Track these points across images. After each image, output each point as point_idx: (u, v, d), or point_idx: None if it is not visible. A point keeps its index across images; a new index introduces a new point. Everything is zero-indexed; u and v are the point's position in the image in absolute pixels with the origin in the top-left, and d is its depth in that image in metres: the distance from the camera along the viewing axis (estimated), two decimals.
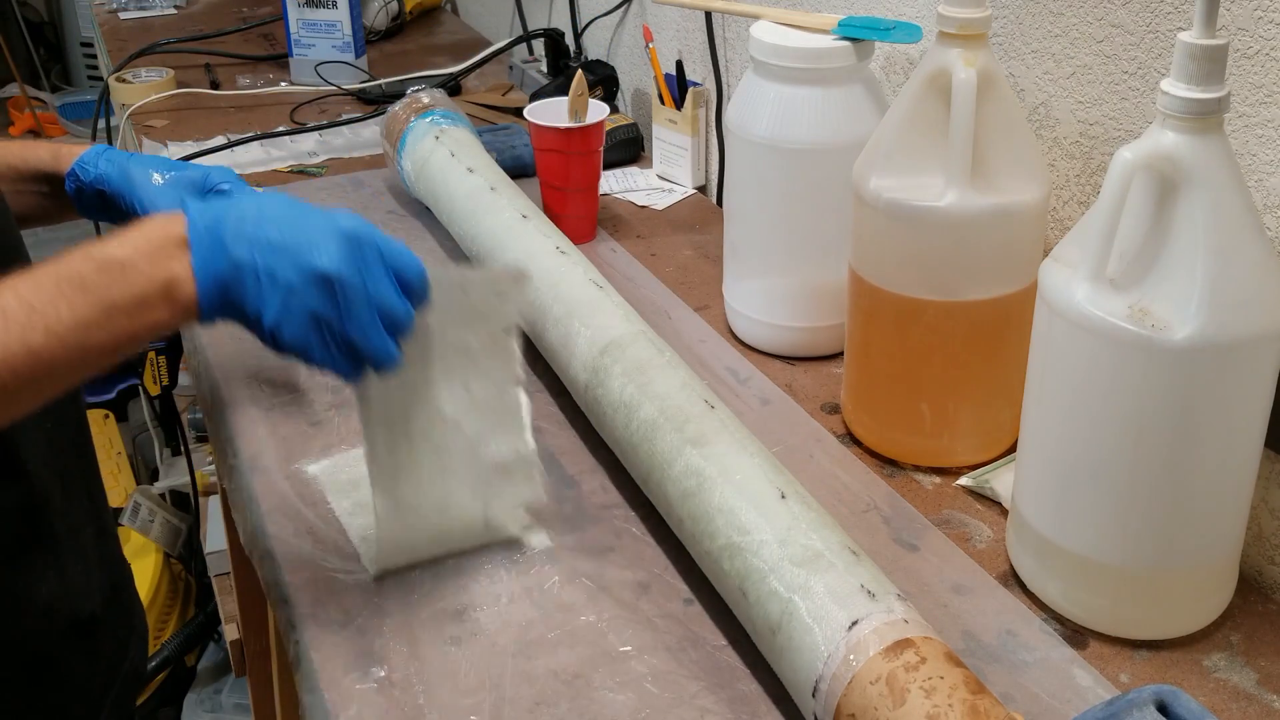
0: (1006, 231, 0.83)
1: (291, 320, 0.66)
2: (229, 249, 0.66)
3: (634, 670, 0.72)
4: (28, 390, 0.62)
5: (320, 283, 0.66)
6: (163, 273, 0.65)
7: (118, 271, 0.63)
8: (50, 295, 0.62)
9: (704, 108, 1.38)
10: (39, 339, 0.61)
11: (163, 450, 2.24)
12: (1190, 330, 0.65)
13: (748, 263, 1.05)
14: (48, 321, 0.61)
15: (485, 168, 1.16)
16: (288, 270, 0.65)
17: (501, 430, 0.79)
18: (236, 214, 0.67)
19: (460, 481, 0.78)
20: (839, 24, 0.97)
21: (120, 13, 2.18)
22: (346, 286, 0.66)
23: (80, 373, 0.64)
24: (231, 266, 0.66)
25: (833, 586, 0.65)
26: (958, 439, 0.89)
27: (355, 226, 0.67)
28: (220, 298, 0.66)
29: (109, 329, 0.63)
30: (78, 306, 0.62)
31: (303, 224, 0.67)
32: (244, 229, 0.66)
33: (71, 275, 0.63)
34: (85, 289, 0.63)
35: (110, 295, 0.63)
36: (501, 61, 1.78)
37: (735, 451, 0.76)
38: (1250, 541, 0.80)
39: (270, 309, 0.66)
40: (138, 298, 0.64)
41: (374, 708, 0.70)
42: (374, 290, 0.67)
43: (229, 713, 1.95)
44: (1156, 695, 0.56)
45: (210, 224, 0.66)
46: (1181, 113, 0.64)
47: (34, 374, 0.61)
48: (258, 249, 0.66)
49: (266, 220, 0.67)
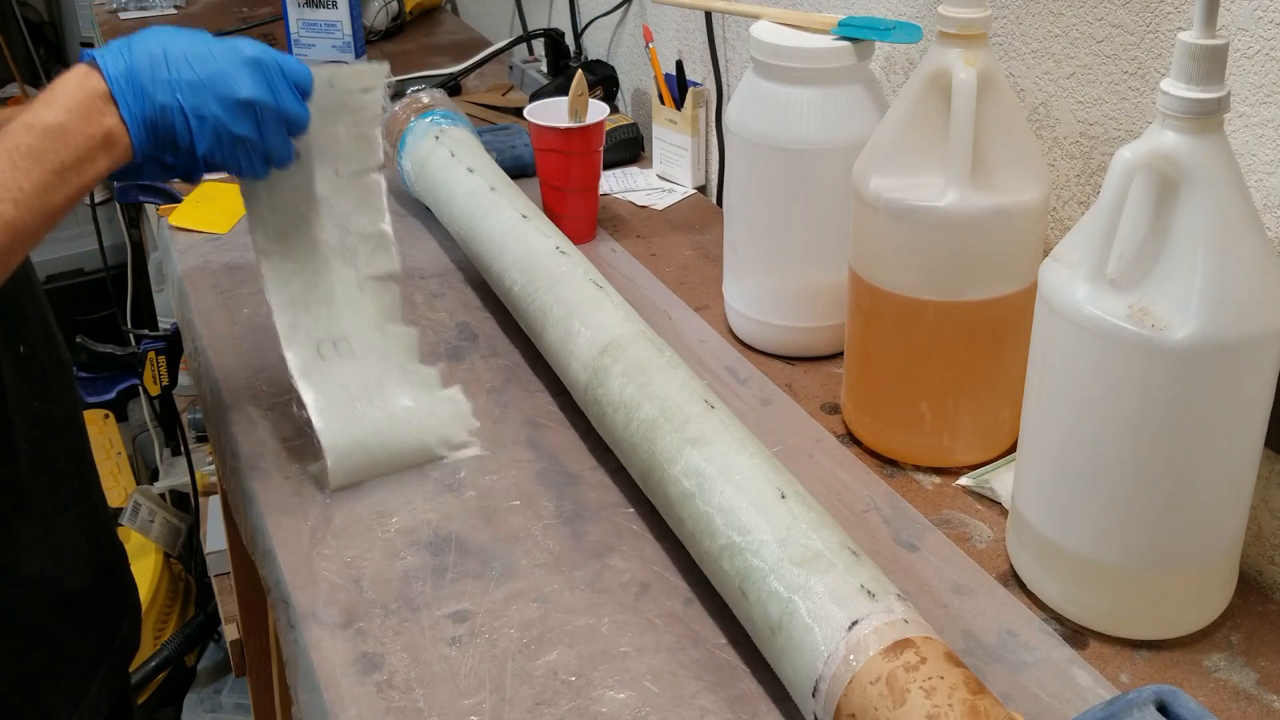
0: (1006, 231, 0.83)
1: (221, 147, 0.76)
2: (152, 95, 0.73)
3: (634, 670, 0.72)
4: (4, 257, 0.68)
5: (243, 109, 0.75)
6: (98, 129, 0.72)
7: (59, 137, 0.70)
8: (6, 169, 0.67)
9: (704, 108, 1.38)
10: (10, 210, 0.67)
11: (163, 450, 2.24)
12: (1190, 330, 0.65)
13: (748, 263, 1.05)
14: (13, 194, 0.67)
15: (485, 168, 1.16)
16: (212, 105, 0.74)
17: (365, 209, 0.91)
18: (147, 58, 0.73)
19: (353, 309, 0.91)
20: (839, 24, 0.96)
21: (120, 13, 2.18)
22: (263, 108, 0.76)
23: (44, 231, 0.70)
24: (158, 109, 0.74)
25: (833, 586, 0.65)
26: (958, 439, 0.89)
27: (259, 51, 0.77)
28: (151, 138, 0.74)
29: (63, 189, 0.70)
30: (34, 174, 0.68)
31: (214, 58, 0.75)
32: (159, 73, 0.73)
33: (20, 147, 0.68)
34: (36, 157, 0.69)
35: (59, 159, 0.70)
36: (501, 61, 1.78)
37: (735, 451, 0.76)
38: (1250, 541, 0.80)
39: (202, 141, 0.75)
40: (81, 155, 0.71)
41: (374, 708, 0.70)
42: (283, 105, 0.78)
43: (229, 713, 1.95)
44: (1156, 695, 0.56)
45: (127, 72, 0.73)
46: (1181, 113, 0.64)
47: (10, 243, 0.67)
48: (180, 90, 0.74)
49: (178, 60, 0.74)
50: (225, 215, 1.32)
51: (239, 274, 1.19)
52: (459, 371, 1.03)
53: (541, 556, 0.82)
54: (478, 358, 1.05)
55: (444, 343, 1.07)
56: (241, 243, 1.26)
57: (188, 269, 1.21)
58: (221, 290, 1.17)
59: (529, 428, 0.95)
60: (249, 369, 1.03)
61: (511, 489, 0.88)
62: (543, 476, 0.90)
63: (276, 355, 1.05)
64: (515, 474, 0.90)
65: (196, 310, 1.14)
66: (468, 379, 1.02)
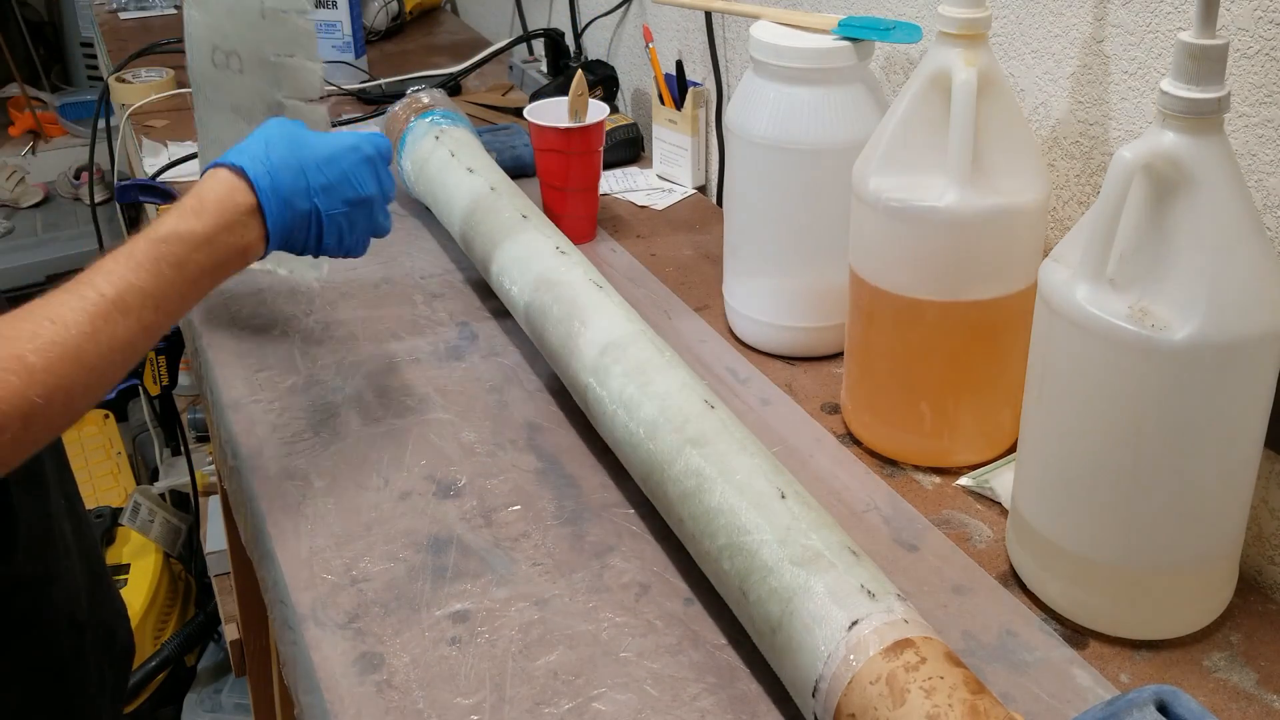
0: (1006, 231, 0.83)
1: (343, 239, 0.87)
2: (293, 206, 0.82)
3: (634, 670, 0.72)
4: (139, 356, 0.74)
5: (361, 204, 0.87)
6: (242, 241, 0.80)
7: (205, 248, 0.77)
8: (152, 279, 0.73)
9: (704, 108, 1.38)
10: (151, 315, 0.73)
11: (163, 450, 2.24)
12: (1190, 330, 0.65)
13: (748, 263, 1.05)
14: (156, 301, 0.73)
15: (485, 168, 1.16)
16: (339, 206, 0.85)
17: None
18: (288, 170, 0.82)
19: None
20: (839, 24, 0.96)
21: (120, 13, 2.18)
22: (375, 201, 0.89)
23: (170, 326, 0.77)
24: (298, 217, 0.83)
25: (833, 586, 0.65)
26: (958, 439, 0.89)
27: (371, 149, 0.88)
28: (283, 241, 0.84)
29: (197, 294, 0.78)
30: (176, 283, 0.75)
31: (339, 160, 0.85)
32: (299, 183, 0.83)
33: (167, 256, 0.74)
34: (180, 267, 0.75)
35: (200, 268, 0.77)
36: (501, 61, 1.78)
37: (735, 451, 0.76)
38: (1250, 541, 0.80)
39: (329, 237, 0.86)
40: (220, 263, 0.79)
41: (374, 708, 0.70)
42: (388, 192, 0.90)
43: (229, 713, 1.95)
44: (1156, 695, 0.56)
45: (274, 186, 0.81)
46: (1181, 113, 0.64)
47: (145, 344, 0.73)
48: (316, 196, 0.84)
49: (313, 168, 0.84)
50: None
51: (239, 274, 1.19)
52: (459, 371, 1.03)
53: (541, 557, 0.82)
54: (478, 358, 1.05)
55: (444, 343, 1.07)
56: None
57: None
58: (221, 290, 1.17)
59: (529, 428, 0.95)
60: (249, 369, 1.03)
61: (511, 489, 0.88)
62: (543, 477, 0.90)
63: (277, 355, 1.05)
64: (515, 474, 0.90)
65: (196, 310, 1.14)
66: (468, 379, 1.02)
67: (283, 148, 0.82)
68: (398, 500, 0.87)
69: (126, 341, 0.70)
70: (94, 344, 0.67)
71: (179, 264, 0.74)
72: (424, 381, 1.01)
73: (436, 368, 1.03)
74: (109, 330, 0.69)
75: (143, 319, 0.71)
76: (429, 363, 1.04)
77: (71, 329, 0.67)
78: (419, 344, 1.07)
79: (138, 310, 0.71)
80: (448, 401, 0.99)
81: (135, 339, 0.71)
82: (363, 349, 1.06)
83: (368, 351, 1.06)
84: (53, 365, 0.65)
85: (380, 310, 1.13)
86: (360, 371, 1.03)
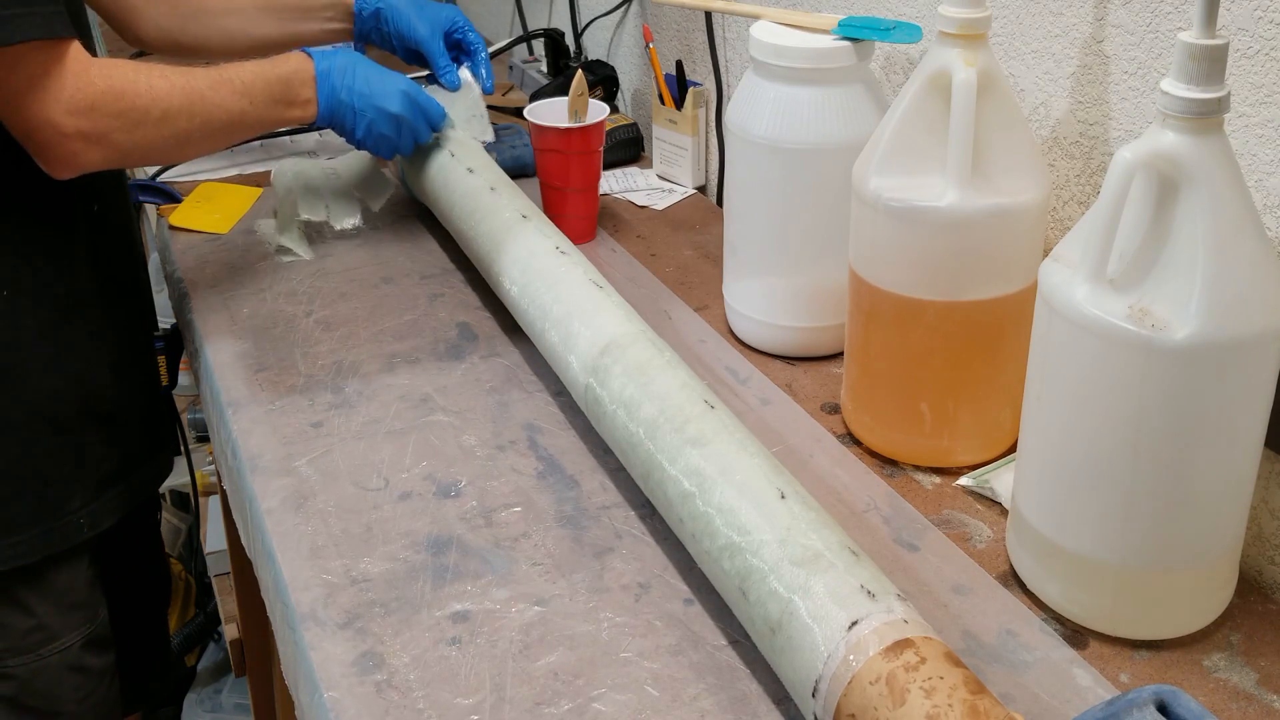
0: (1006, 231, 0.83)
1: (370, 137, 1.15)
2: (336, 91, 1.11)
3: (634, 671, 0.72)
4: (230, 137, 1.07)
5: (390, 118, 1.14)
6: (302, 94, 1.09)
7: (280, 84, 1.07)
8: (242, 95, 1.04)
9: (704, 108, 1.38)
10: (247, 106, 1.04)
11: None
12: (1190, 330, 0.65)
13: (748, 263, 1.05)
14: (250, 98, 1.05)
15: (485, 168, 1.16)
16: (370, 110, 1.13)
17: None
18: (340, 71, 1.11)
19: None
20: (839, 24, 0.96)
21: None
22: (403, 122, 1.15)
23: (256, 132, 1.10)
24: (337, 101, 1.12)
25: (833, 586, 0.65)
26: (958, 439, 0.89)
27: (410, 88, 1.15)
28: (328, 116, 1.12)
29: (272, 112, 1.07)
30: (259, 99, 1.06)
31: (381, 81, 1.13)
32: (345, 80, 1.11)
33: (256, 83, 1.05)
34: (263, 90, 1.06)
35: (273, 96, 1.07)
36: (501, 61, 1.78)
37: (735, 451, 0.76)
38: (1250, 541, 0.80)
39: (360, 129, 1.14)
40: (288, 100, 1.08)
41: (374, 708, 0.70)
42: (416, 123, 1.17)
43: (229, 713, 1.95)
44: (1156, 695, 0.56)
45: (327, 72, 1.10)
46: (1181, 113, 0.64)
47: (240, 131, 1.07)
48: (354, 95, 1.12)
49: (359, 77, 1.12)
50: (225, 216, 1.32)
51: (239, 274, 1.20)
52: (459, 371, 1.03)
53: (541, 557, 0.82)
54: (478, 358, 1.05)
55: (444, 343, 1.07)
56: (242, 243, 1.26)
57: (188, 269, 1.22)
58: (221, 290, 1.17)
59: (529, 428, 0.95)
60: (249, 369, 1.04)
61: (511, 489, 0.88)
62: (542, 477, 0.90)
63: (277, 355, 1.05)
64: (515, 474, 0.90)
65: (196, 310, 1.14)
66: (468, 379, 1.02)
67: (343, 60, 1.12)
68: (398, 500, 0.87)
69: (225, 110, 1.02)
70: (206, 101, 1.01)
71: (264, 89, 1.06)
72: (424, 382, 1.01)
73: (436, 368, 1.03)
74: (215, 98, 1.01)
75: (226, 104, 1.02)
76: (429, 363, 1.04)
77: (198, 81, 1.01)
78: (419, 344, 1.07)
79: (235, 97, 1.03)
80: (448, 402, 0.99)
81: (232, 114, 1.03)
82: (362, 349, 1.06)
83: (368, 352, 1.06)
84: (188, 88, 0.99)
85: (380, 310, 1.13)
86: (360, 372, 1.03)
